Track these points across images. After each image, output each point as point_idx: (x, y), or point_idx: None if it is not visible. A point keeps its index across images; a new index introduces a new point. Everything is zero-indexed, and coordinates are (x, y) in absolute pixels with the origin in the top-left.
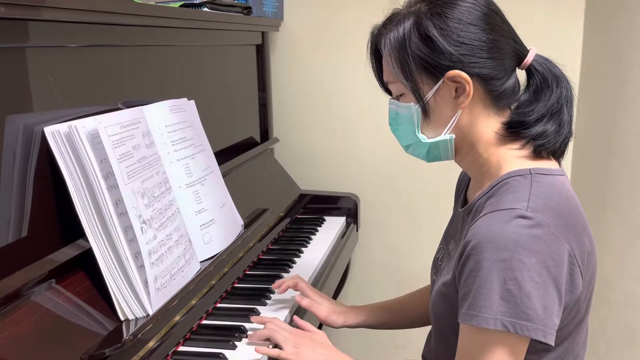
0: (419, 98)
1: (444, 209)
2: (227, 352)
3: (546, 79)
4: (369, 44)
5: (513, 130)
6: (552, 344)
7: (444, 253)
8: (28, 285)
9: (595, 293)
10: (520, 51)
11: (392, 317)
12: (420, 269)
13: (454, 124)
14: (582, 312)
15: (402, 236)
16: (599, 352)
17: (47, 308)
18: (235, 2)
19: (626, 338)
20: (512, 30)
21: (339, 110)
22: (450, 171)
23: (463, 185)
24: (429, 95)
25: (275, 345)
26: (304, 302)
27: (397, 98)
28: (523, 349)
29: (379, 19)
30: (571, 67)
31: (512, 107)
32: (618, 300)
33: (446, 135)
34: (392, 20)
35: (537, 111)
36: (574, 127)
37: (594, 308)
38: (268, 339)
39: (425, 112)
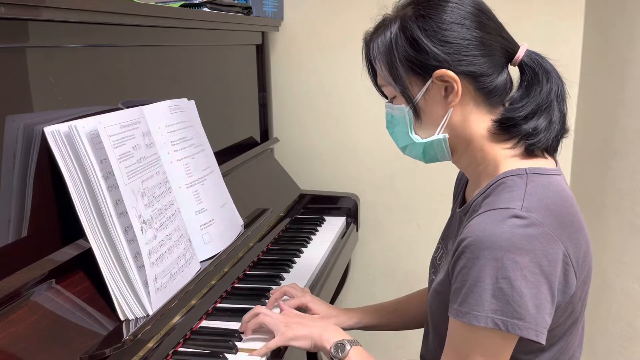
0: (409, 99)
1: (444, 209)
2: (227, 352)
3: (536, 74)
4: (363, 49)
5: (504, 127)
6: (544, 342)
7: (443, 252)
8: (28, 285)
9: (596, 293)
10: (510, 48)
11: (386, 318)
12: (420, 269)
13: (445, 123)
14: (577, 312)
15: (402, 236)
16: (599, 352)
17: (47, 308)
18: (235, 2)
19: (626, 338)
20: (500, 27)
21: (339, 111)
22: (449, 171)
23: (461, 185)
24: (419, 96)
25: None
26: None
27: (392, 101)
28: (511, 346)
29: (378, 18)
30: (571, 67)
31: (506, 104)
32: (618, 300)
33: (439, 134)
34: (381, 25)
35: (527, 107)
36: (569, 123)
37: (594, 308)
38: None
39: (417, 113)
